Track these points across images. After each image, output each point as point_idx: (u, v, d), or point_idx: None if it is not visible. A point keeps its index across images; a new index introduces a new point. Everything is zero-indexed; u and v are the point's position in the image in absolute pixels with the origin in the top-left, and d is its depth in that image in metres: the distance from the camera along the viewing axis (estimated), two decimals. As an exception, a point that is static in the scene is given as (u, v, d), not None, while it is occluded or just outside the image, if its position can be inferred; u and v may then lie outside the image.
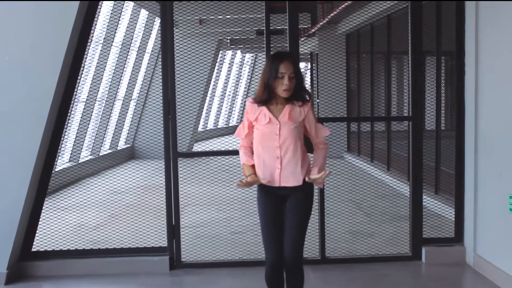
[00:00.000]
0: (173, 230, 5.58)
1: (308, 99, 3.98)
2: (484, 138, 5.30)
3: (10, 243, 5.25)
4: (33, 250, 5.58)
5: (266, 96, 3.90)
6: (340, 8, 10.27)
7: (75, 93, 5.70)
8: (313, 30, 13.67)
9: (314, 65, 16.74)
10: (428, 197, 6.79)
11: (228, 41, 15.84)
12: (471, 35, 5.44)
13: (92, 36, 5.58)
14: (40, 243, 5.76)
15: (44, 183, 5.49)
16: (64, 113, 5.48)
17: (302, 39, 14.92)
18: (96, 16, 5.60)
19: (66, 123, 5.66)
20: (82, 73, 5.69)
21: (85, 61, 5.61)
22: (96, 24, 5.62)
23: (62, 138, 5.64)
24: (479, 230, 5.42)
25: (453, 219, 5.88)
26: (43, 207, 5.58)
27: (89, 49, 5.67)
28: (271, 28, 5.62)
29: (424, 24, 5.74)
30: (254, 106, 3.96)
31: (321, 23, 12.57)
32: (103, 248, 5.79)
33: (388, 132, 10.80)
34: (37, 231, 5.60)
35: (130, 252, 5.65)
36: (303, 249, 4.17)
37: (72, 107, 5.63)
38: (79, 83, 5.62)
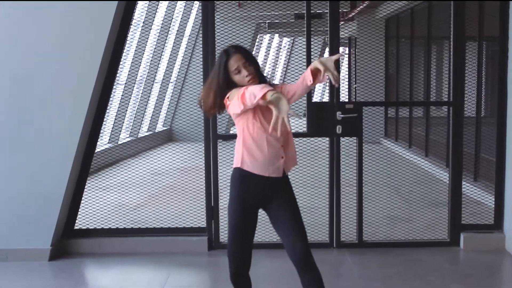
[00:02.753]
0: (212, 211, 5.66)
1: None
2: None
3: (54, 221, 5.40)
4: (75, 228, 5.73)
5: (219, 102, 3.54)
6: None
7: (117, 75, 5.80)
8: (352, 15, 13.56)
9: (352, 50, 16.62)
10: (467, 184, 6.73)
11: (266, 24, 15.80)
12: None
13: (132, 19, 5.64)
14: (82, 222, 5.90)
15: (86, 163, 5.61)
16: (106, 94, 5.59)
17: (341, 23, 14.80)
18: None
19: (108, 105, 5.77)
20: (122, 57, 5.76)
21: (126, 45, 5.68)
22: (136, 8, 5.68)
23: (103, 120, 5.75)
24: (519, 217, 5.37)
25: (493, 206, 5.83)
26: (85, 187, 5.72)
27: (128, 36, 5.73)
28: (311, 12, 5.62)
29: (467, 9, 5.66)
30: None
31: (360, 7, 12.46)
32: (143, 228, 5.90)
33: (427, 117, 10.70)
34: (79, 210, 5.75)
35: (170, 232, 5.76)
36: None
37: (113, 89, 5.73)
38: (120, 66, 5.70)
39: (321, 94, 21.82)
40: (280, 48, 22.21)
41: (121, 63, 5.77)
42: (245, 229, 3.58)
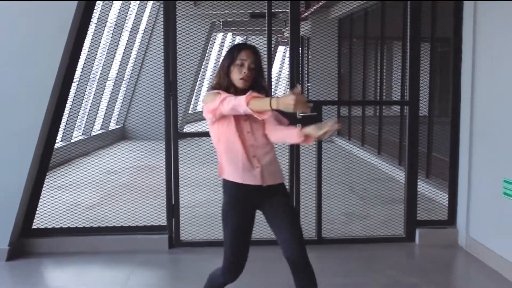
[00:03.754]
0: (173, 209, 5.67)
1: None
2: (480, 122, 5.42)
3: (11, 220, 5.31)
4: (33, 227, 5.65)
5: (226, 82, 3.54)
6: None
7: (75, 73, 5.74)
8: (305, 14, 13.70)
9: (305, 49, 16.78)
10: (419, 181, 6.91)
11: (221, 23, 15.82)
12: (468, 22, 5.53)
13: (91, 19, 5.61)
14: (38, 221, 5.81)
15: (45, 161, 5.54)
16: (65, 92, 5.53)
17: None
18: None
19: (67, 103, 5.70)
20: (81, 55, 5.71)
21: (84, 44, 5.64)
22: (95, 8, 5.64)
23: (62, 118, 5.68)
24: (472, 213, 5.57)
25: (444, 202, 6.03)
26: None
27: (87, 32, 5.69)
28: (263, 11, 5.68)
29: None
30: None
31: (314, 7, 12.61)
32: (103, 226, 5.86)
33: (380, 116, 10.92)
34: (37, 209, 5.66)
35: (130, 230, 5.74)
36: None
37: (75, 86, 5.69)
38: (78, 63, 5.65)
39: (274, 92, 21.93)
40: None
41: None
42: (242, 232, 3.55)
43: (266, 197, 3.55)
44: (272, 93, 5.93)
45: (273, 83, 5.63)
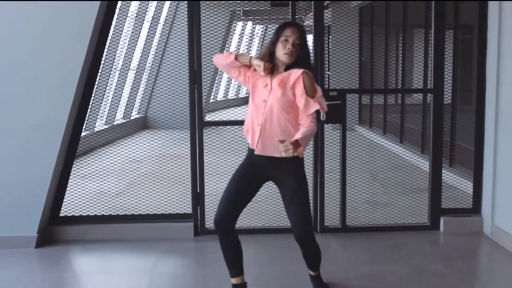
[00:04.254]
0: (198, 197, 5.72)
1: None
2: (506, 110, 5.39)
3: (40, 208, 5.40)
4: (61, 215, 5.74)
5: (268, 58, 3.84)
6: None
7: (101, 64, 5.80)
8: (326, 3, 13.64)
9: (326, 37, 16.73)
10: (443, 169, 6.90)
11: (241, 12, 15.81)
12: (494, 9, 5.49)
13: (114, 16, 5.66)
14: (65, 209, 5.90)
15: (72, 150, 5.62)
16: (91, 82, 5.59)
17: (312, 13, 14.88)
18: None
19: (93, 92, 5.77)
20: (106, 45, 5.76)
21: (109, 37, 5.70)
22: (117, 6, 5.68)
23: (89, 107, 5.75)
24: (497, 201, 5.55)
25: (468, 190, 6.01)
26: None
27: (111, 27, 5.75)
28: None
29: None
30: (256, 72, 3.89)
31: (335, -4, 12.57)
32: (129, 214, 5.93)
33: (402, 104, 10.88)
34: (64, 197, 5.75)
35: (156, 218, 5.80)
36: (311, 222, 4.23)
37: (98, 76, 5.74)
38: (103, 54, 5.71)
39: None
40: (253, 36, 22.22)
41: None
42: (237, 182, 3.98)
43: (273, 170, 3.88)
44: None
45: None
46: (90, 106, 5.63)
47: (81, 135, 10.91)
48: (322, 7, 5.69)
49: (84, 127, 11.18)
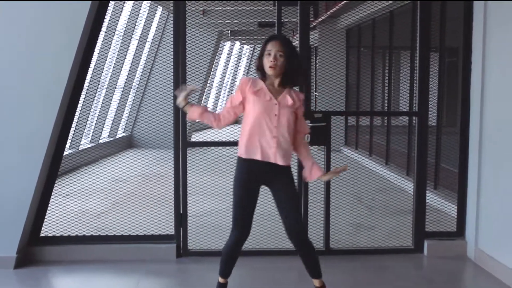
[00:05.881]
0: (181, 218, 5.66)
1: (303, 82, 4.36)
2: (489, 133, 5.39)
3: (20, 228, 5.31)
4: (41, 235, 5.65)
5: (260, 73, 4.10)
6: (343, 2, 10.34)
7: (86, 78, 5.76)
8: (314, 24, 13.73)
9: (313, 58, 16.81)
10: (427, 192, 6.90)
11: (229, 32, 15.88)
12: (478, 32, 5.52)
13: (104, 21, 5.63)
14: (46, 229, 5.81)
15: (54, 169, 5.55)
16: (75, 100, 5.54)
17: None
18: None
19: (76, 110, 5.71)
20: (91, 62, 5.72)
21: (96, 47, 5.66)
22: (108, 9, 5.66)
23: (71, 125, 5.69)
24: (481, 224, 5.54)
25: (452, 213, 6.00)
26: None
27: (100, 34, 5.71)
28: (271, 20, 5.68)
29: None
30: (251, 81, 4.08)
31: (322, 17, 12.64)
32: (111, 235, 5.85)
33: (388, 126, 10.91)
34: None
35: (137, 239, 5.73)
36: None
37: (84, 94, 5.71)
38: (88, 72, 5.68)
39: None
40: (241, 55, 22.30)
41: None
42: (247, 197, 4.11)
43: (271, 174, 4.10)
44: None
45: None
46: (75, 124, 5.57)
47: (66, 153, 10.87)
48: (308, 27, 5.68)
49: (68, 145, 11.11)
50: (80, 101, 11.42)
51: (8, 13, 5.21)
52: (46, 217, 5.72)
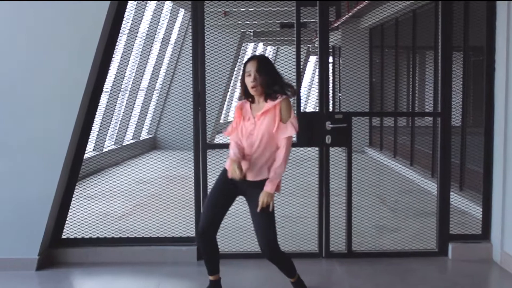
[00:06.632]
0: (201, 220, 5.63)
1: (289, 93, 4.25)
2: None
3: (41, 230, 5.34)
4: (63, 237, 5.68)
5: (244, 94, 4.33)
6: (365, 2, 10.24)
7: (106, 80, 5.77)
8: (336, 24, 13.64)
9: (336, 59, 16.72)
10: (453, 194, 6.78)
11: (251, 33, 15.86)
12: (502, 31, 5.42)
13: (122, 21, 5.63)
14: (68, 231, 5.84)
15: (75, 171, 5.57)
16: (95, 102, 5.55)
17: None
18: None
19: (96, 112, 5.73)
20: (111, 65, 5.73)
21: (116, 49, 5.67)
22: (126, 8, 5.66)
23: (92, 127, 5.71)
24: (506, 227, 5.42)
25: (479, 216, 5.88)
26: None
27: (118, 40, 5.71)
28: (293, 21, 5.62)
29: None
30: (241, 106, 4.34)
31: (345, 17, 12.54)
32: (132, 237, 5.87)
33: (412, 127, 10.78)
34: (67, 219, 5.69)
35: (158, 241, 5.73)
36: (276, 238, 4.35)
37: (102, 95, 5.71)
38: (108, 74, 5.69)
39: (305, 103, 21.89)
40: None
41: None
42: (217, 197, 4.33)
43: (247, 187, 4.28)
44: (302, 102, 5.88)
45: (304, 93, 5.56)
46: (99, 126, 5.59)
47: (90, 155, 10.94)
48: (327, 28, 5.62)
49: (92, 146, 11.19)
50: (103, 104, 11.57)
51: (26, 14, 5.24)
52: (68, 219, 5.75)
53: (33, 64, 5.27)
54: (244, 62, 4.32)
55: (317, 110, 5.67)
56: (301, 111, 5.66)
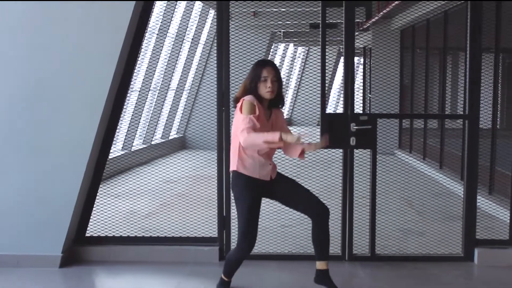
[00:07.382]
0: (224, 221, 5.63)
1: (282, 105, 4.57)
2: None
3: (65, 228, 5.39)
4: (86, 235, 5.72)
5: (254, 94, 4.36)
6: (396, 2, 10.13)
7: (131, 81, 5.79)
8: (367, 25, 13.53)
9: (367, 60, 16.57)
10: (481, 197, 6.66)
11: (281, 34, 15.82)
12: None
13: (149, 21, 5.64)
14: (93, 229, 5.89)
15: (99, 170, 5.61)
16: (120, 102, 5.58)
17: (356, 33, 14.77)
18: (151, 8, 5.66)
19: (122, 112, 5.76)
20: (137, 64, 5.75)
21: (140, 53, 5.69)
22: (153, 8, 5.67)
23: (117, 127, 5.74)
24: (535, 233, 5.29)
25: (508, 220, 5.75)
26: (97, 194, 5.72)
27: (144, 40, 5.73)
28: (325, 21, 5.57)
29: (483, 20, 5.60)
30: (256, 102, 4.33)
31: (375, 18, 12.43)
32: (155, 236, 5.88)
33: (442, 129, 10.62)
34: (91, 217, 5.73)
35: (181, 241, 5.73)
36: None
37: (127, 96, 5.74)
38: (135, 72, 5.72)
39: (335, 105, 21.76)
40: (295, 57, 22.20)
41: (136, 70, 5.78)
42: (256, 210, 4.42)
43: (269, 183, 4.46)
44: (333, 102, 5.81)
45: (335, 94, 5.46)
46: (127, 126, 5.62)
47: (118, 154, 11.03)
48: (353, 29, 5.56)
49: (121, 146, 11.28)
50: (132, 103, 11.64)
51: (51, 14, 5.29)
52: (93, 217, 5.79)
53: (59, 64, 5.32)
54: (255, 64, 4.44)
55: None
56: (326, 112, 5.59)
